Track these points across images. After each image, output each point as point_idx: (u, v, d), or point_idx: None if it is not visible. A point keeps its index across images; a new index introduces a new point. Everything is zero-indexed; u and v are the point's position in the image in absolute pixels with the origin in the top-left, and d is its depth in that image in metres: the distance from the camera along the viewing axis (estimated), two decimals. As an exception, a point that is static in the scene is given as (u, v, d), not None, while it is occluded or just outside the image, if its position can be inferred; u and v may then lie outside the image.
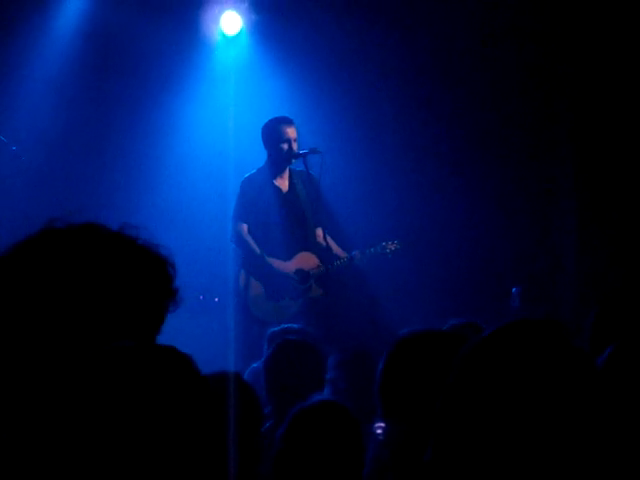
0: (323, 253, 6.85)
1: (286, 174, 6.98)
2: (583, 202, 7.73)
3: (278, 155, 6.84)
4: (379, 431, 2.82)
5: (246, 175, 6.98)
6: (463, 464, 1.33)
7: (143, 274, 1.54)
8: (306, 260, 6.91)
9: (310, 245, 6.93)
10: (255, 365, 4.72)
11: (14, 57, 7.80)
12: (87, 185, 7.89)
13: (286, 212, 6.91)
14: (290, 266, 6.88)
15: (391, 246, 6.93)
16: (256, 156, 7.07)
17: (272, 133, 6.84)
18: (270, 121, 6.90)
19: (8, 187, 7.45)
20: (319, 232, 6.90)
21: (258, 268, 6.83)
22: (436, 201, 8.07)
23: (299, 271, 6.88)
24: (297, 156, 6.80)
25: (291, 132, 6.81)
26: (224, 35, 8.14)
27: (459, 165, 8.05)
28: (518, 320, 1.45)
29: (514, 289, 6.96)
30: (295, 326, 5.08)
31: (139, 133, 8.06)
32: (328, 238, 6.84)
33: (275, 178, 6.96)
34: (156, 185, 8.08)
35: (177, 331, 1.76)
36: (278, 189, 6.96)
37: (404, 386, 2.17)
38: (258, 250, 6.82)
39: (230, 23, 8.10)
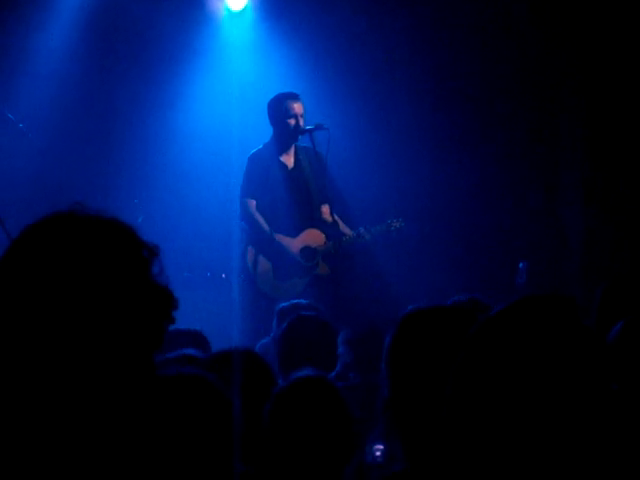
0: (330, 230, 6.85)
1: (292, 150, 6.96)
2: (590, 177, 7.72)
3: (284, 131, 6.83)
4: (378, 453, 2.82)
5: (253, 151, 6.97)
6: (475, 444, 1.34)
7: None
8: (313, 237, 6.91)
9: (316, 222, 6.93)
10: (264, 341, 4.74)
11: (19, 38, 7.77)
12: (92, 164, 7.89)
13: (292, 188, 6.89)
14: (297, 243, 6.88)
15: (395, 224, 6.91)
16: (262, 132, 7.06)
17: (278, 108, 6.82)
18: (276, 96, 6.88)
19: (15, 163, 7.46)
20: (325, 209, 6.89)
21: (266, 245, 6.84)
22: (442, 178, 8.07)
23: (306, 248, 6.88)
24: (303, 132, 6.78)
25: (297, 107, 6.79)
26: (229, 10, 8.10)
27: (466, 142, 8.03)
28: (525, 297, 1.44)
29: (520, 264, 6.96)
30: (304, 302, 5.10)
31: (144, 111, 8.04)
32: (334, 215, 6.84)
33: (281, 154, 6.94)
34: (162, 163, 8.08)
35: (185, 307, 1.77)
36: (284, 165, 6.95)
37: (412, 362, 2.19)
38: (266, 227, 6.82)
39: (235, -2, 8.07)
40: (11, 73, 7.74)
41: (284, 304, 4.99)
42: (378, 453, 2.77)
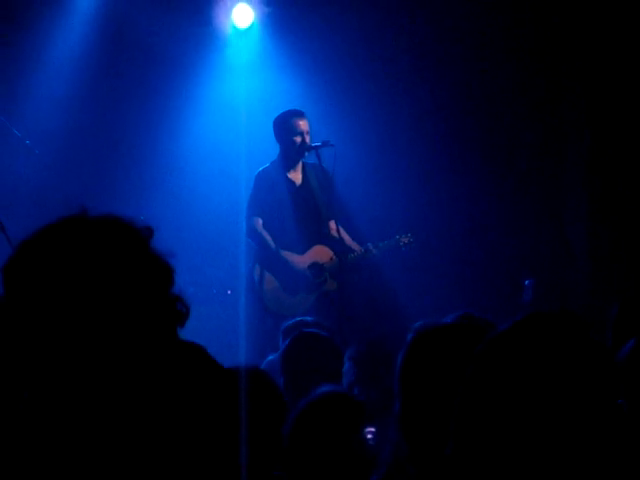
0: (337, 246, 6.84)
1: (299, 167, 6.98)
2: (595, 191, 7.71)
3: (291, 148, 6.85)
4: (369, 436, 2.81)
5: (260, 169, 6.98)
6: (484, 457, 1.33)
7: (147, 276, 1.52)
8: (320, 253, 6.91)
9: (324, 238, 6.93)
10: (271, 357, 4.72)
11: (27, 52, 7.81)
12: (100, 178, 7.91)
13: (300, 205, 6.91)
14: (305, 259, 6.88)
15: (405, 239, 6.92)
16: (268, 149, 7.07)
17: (284, 126, 6.84)
18: (282, 114, 6.91)
19: (22, 181, 7.47)
20: (332, 225, 6.89)
21: (273, 262, 6.84)
22: (448, 194, 8.06)
23: (314, 264, 6.88)
24: (310, 149, 6.80)
25: (303, 125, 6.81)
26: (236, 28, 8.13)
27: (471, 158, 8.03)
28: (533, 313, 1.44)
29: (526, 282, 6.94)
30: (309, 319, 5.09)
31: (151, 126, 8.06)
32: (341, 230, 6.84)
33: (288, 171, 6.96)
34: (169, 178, 8.10)
35: (190, 324, 1.76)
36: (292, 182, 6.96)
37: (424, 379, 2.19)
38: (272, 244, 6.83)
39: (242, 16, 8.09)
40: (17, 88, 7.77)
41: (289, 322, 4.98)
42: (370, 436, 2.77)
